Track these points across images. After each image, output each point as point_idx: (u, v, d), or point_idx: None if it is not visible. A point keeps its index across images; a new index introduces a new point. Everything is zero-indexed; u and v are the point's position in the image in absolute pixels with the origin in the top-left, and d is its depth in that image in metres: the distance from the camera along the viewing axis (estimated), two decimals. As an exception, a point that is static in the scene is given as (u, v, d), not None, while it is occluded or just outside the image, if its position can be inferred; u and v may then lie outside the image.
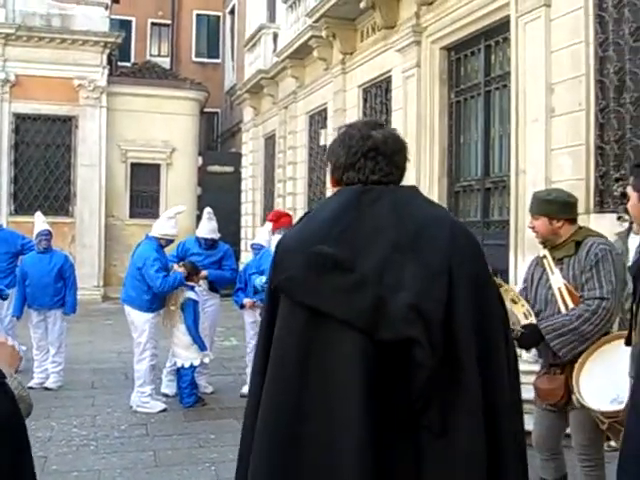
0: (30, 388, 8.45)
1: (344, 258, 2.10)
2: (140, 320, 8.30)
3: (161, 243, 8.50)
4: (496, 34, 9.73)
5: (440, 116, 10.75)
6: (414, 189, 2.38)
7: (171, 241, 8.73)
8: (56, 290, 9.48)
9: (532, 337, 4.13)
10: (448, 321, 2.06)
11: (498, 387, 2.15)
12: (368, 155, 2.32)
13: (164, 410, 8.08)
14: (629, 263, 4.40)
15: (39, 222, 9.83)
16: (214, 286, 9.25)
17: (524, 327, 4.13)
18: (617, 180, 7.29)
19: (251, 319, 9.00)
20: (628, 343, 3.48)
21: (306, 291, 2.11)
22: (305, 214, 2.40)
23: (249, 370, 9.09)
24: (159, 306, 8.41)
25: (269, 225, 9.77)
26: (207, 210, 9.36)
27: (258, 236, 9.77)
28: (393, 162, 2.34)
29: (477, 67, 10.29)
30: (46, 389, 9.00)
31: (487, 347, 2.13)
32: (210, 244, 9.13)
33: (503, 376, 2.18)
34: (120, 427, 7.45)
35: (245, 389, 8.95)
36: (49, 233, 9.77)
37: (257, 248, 9.27)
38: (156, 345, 8.43)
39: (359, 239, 2.14)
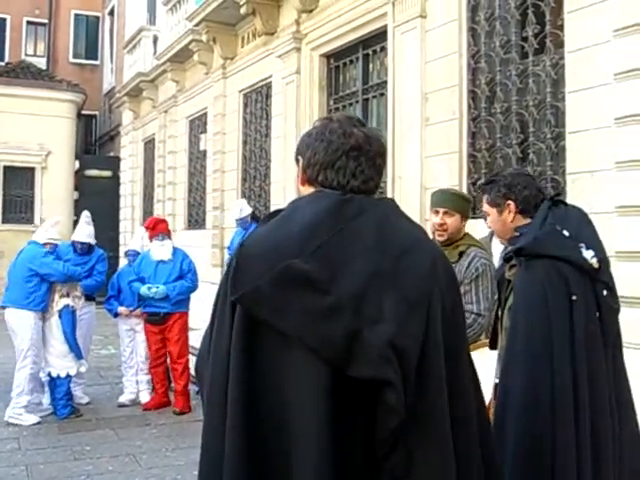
0: None
1: (320, 278, 1.83)
2: (23, 322, 8.01)
3: (48, 250, 8.26)
4: (374, 43, 9.91)
5: (319, 122, 10.85)
6: (394, 204, 2.11)
7: (55, 247, 8.47)
8: None
9: None
10: (420, 358, 1.85)
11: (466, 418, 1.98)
12: (350, 154, 2.03)
13: (38, 423, 7.83)
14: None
15: None
16: (88, 294, 9.03)
17: None
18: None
19: (126, 327, 8.89)
20: (493, 347, 3.57)
21: (272, 309, 1.83)
22: (271, 214, 2.07)
23: (125, 379, 8.96)
24: (42, 308, 8.14)
25: (142, 230, 9.68)
26: (85, 214, 9.13)
27: (132, 242, 9.63)
28: (375, 166, 2.06)
29: (355, 75, 10.45)
30: None
31: (456, 382, 1.95)
32: (86, 249, 8.91)
33: (470, 403, 2.02)
34: (-9, 442, 7.18)
35: (122, 398, 8.80)
36: None
37: (132, 255, 9.14)
38: (38, 353, 8.15)
39: (337, 258, 1.87)
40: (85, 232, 8.96)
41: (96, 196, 21.88)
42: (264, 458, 1.85)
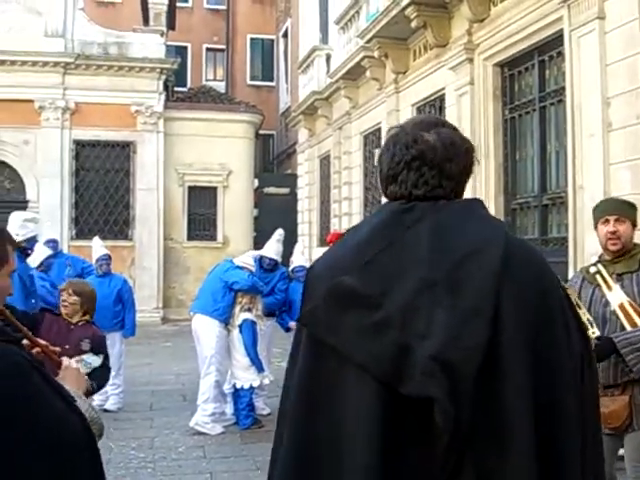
0: (90, 410, 8.55)
1: (368, 293, 1.78)
2: (209, 329, 8.34)
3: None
4: (550, 49, 9.61)
5: (494, 133, 10.66)
6: (470, 205, 1.99)
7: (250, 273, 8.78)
8: (115, 313, 9.64)
9: (605, 349, 3.84)
10: (489, 373, 1.70)
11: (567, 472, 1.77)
12: (412, 165, 1.94)
13: (222, 432, 8.10)
14: None
15: (97, 247, 10.03)
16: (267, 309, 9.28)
17: (597, 338, 3.81)
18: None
19: None
20: None
21: (325, 327, 1.81)
22: (348, 230, 2.07)
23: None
24: (225, 319, 8.45)
25: (300, 246, 9.93)
26: (278, 232, 9.41)
27: (295, 259, 9.76)
28: (443, 173, 1.94)
29: (531, 83, 10.17)
30: (105, 411, 9.10)
31: (550, 414, 1.75)
32: (273, 266, 9.17)
33: (569, 417, 1.80)
34: (178, 449, 7.49)
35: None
36: (109, 257, 9.96)
37: (299, 270, 9.30)
38: (222, 362, 8.44)
39: (389, 270, 1.80)
40: (275, 249, 9.23)
41: (274, 213, 22.53)
42: (315, 477, 1.83)
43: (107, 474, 5.81)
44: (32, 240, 7.87)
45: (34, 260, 9.14)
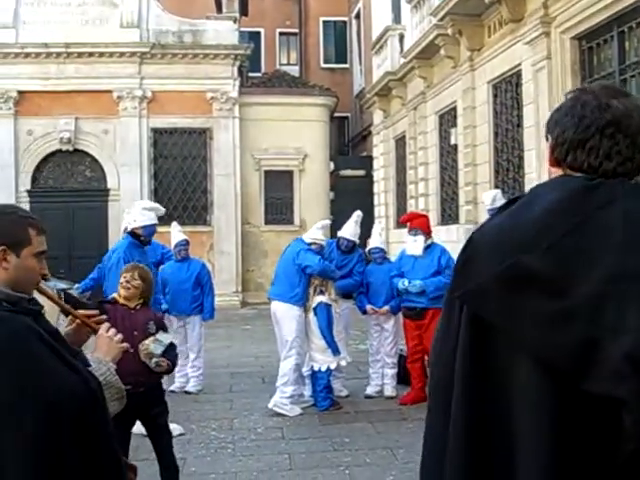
0: (171, 392, 8.73)
1: (553, 277, 1.61)
2: (288, 314, 8.38)
3: (313, 249, 8.57)
4: (629, 19, 9.32)
5: (573, 108, 10.39)
6: None
7: (321, 248, 8.76)
8: (194, 297, 9.76)
9: None
10: None
11: None
12: (605, 132, 1.75)
13: (300, 414, 8.16)
14: None
15: (176, 232, 10.17)
16: (346, 292, 9.26)
17: None
18: None
19: (374, 322, 9.06)
20: None
21: (497, 310, 1.65)
22: (509, 202, 1.84)
23: (371, 372, 9.11)
24: (303, 303, 8.48)
25: (378, 228, 9.88)
26: (357, 213, 9.37)
27: (372, 241, 9.66)
28: (636, 144, 1.77)
29: (610, 55, 9.89)
30: (186, 393, 9.26)
31: None
32: (350, 247, 9.14)
33: None
34: (257, 430, 7.57)
35: (368, 390, 8.95)
36: (187, 242, 10.08)
37: (376, 252, 9.25)
38: (302, 345, 8.48)
39: (576, 255, 1.63)
40: (352, 231, 9.19)
41: (350, 195, 22.49)
42: (485, 468, 1.70)
43: (187, 454, 5.95)
44: (149, 228, 8.08)
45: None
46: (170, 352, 5.30)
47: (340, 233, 9.31)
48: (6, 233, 2.44)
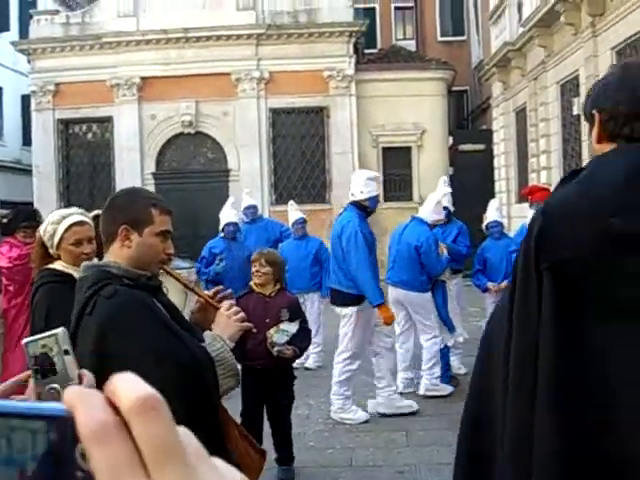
0: (292, 369, 8.85)
1: None
2: (419, 302, 8.19)
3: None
4: None
5: None
6: None
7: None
8: (313, 274, 9.87)
9: None
10: None
11: None
12: None
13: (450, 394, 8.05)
14: None
15: (293, 210, 10.30)
16: (452, 266, 9.01)
17: None
18: None
19: (492, 300, 8.85)
20: None
21: (596, 275, 1.61)
22: (572, 173, 1.83)
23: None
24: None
25: (496, 202, 9.63)
26: (442, 178, 9.32)
27: (490, 214, 9.42)
28: None
29: None
30: (306, 369, 9.37)
31: None
32: (446, 215, 8.95)
33: None
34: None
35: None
36: (304, 221, 10.19)
37: (494, 226, 9.05)
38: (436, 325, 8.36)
39: None
40: (441, 195, 9.02)
41: (470, 170, 22.15)
42: (585, 462, 1.58)
43: (306, 429, 6.03)
44: (374, 199, 7.80)
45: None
46: (300, 337, 5.41)
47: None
48: (129, 212, 2.53)
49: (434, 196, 8.85)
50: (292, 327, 5.38)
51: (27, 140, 24.67)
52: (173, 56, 21.11)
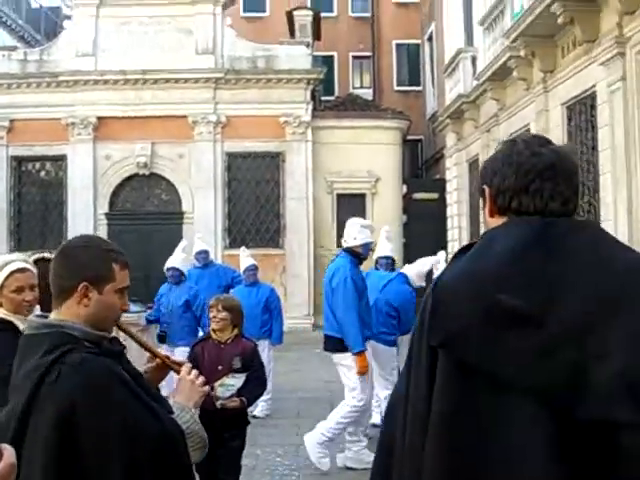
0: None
1: (531, 311, 1.63)
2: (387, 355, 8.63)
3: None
4: None
5: (650, 130, 10.13)
6: (600, 227, 1.94)
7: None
8: (263, 321, 9.84)
9: None
10: None
11: None
12: (544, 175, 1.85)
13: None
14: None
15: (244, 257, 10.28)
16: None
17: None
18: None
19: None
20: None
21: (481, 351, 1.66)
22: (464, 248, 1.90)
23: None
24: None
25: (443, 255, 9.90)
26: (385, 228, 9.57)
27: (440, 266, 9.63)
28: (572, 185, 1.89)
29: (689, 75, 9.62)
30: (254, 417, 9.25)
31: None
32: (390, 265, 9.26)
33: None
34: (323, 458, 7.50)
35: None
36: (255, 267, 10.17)
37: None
38: None
39: (550, 286, 1.66)
40: (387, 246, 9.37)
41: (424, 219, 22.35)
42: None
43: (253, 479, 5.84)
44: (367, 246, 7.56)
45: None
46: (249, 387, 5.32)
47: (377, 253, 9.35)
48: (89, 268, 2.35)
49: (426, 262, 9.32)
50: (237, 381, 5.28)
51: (-22, 176, 24.32)
52: (131, 97, 21.08)
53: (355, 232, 7.52)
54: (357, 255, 7.43)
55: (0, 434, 2.09)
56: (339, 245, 21.72)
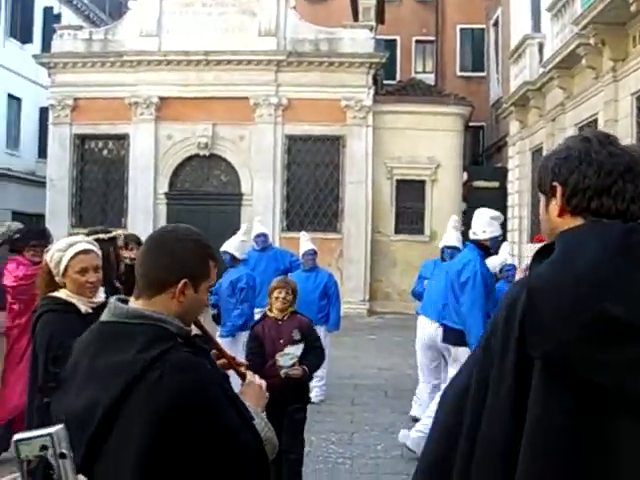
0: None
1: (634, 320, 1.59)
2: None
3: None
4: None
5: None
6: None
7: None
8: (320, 307, 9.76)
9: None
10: None
11: None
12: (626, 177, 1.82)
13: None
14: None
15: (304, 241, 10.21)
16: None
17: None
18: None
19: None
20: None
21: (588, 363, 1.61)
22: (539, 253, 1.85)
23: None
24: None
25: (507, 246, 9.54)
26: (453, 217, 9.29)
27: (502, 256, 9.33)
28: None
29: None
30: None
31: None
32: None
33: None
34: (376, 447, 7.46)
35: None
36: (314, 252, 10.10)
37: (509, 269, 8.92)
38: None
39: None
40: (455, 236, 9.03)
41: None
42: None
43: (306, 467, 5.87)
44: (494, 240, 7.28)
45: None
46: (309, 357, 5.65)
47: (443, 242, 9.09)
48: (191, 265, 2.23)
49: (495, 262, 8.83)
50: (297, 349, 5.58)
51: (43, 152, 24.80)
52: (192, 78, 21.18)
53: (485, 224, 7.20)
54: (485, 248, 7.14)
55: (79, 425, 1.97)
56: (397, 231, 21.83)
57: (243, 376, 2.53)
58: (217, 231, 20.67)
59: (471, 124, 25.16)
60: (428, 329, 8.04)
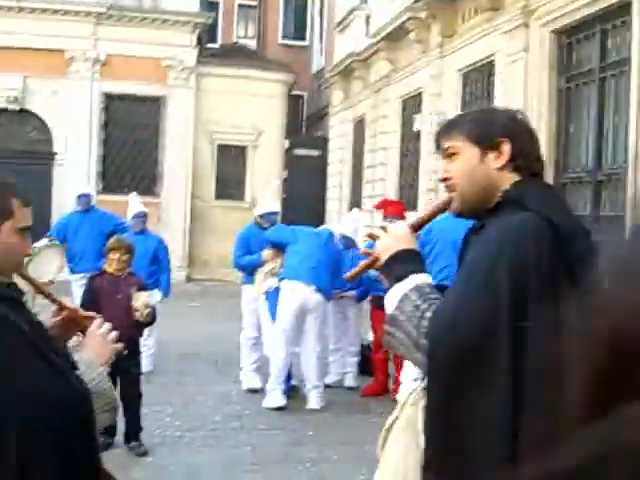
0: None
1: None
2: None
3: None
4: (614, 17, 9.15)
5: (549, 104, 10.21)
6: None
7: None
8: (150, 273, 9.32)
9: None
10: None
11: None
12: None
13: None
14: None
15: (135, 203, 9.74)
16: None
17: None
18: None
19: (336, 308, 8.78)
20: None
21: None
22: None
23: (332, 359, 8.87)
24: None
25: (356, 212, 9.62)
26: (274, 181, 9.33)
27: (344, 226, 9.26)
28: None
29: (591, 53, 9.71)
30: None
31: None
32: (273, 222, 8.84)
33: None
34: (214, 418, 7.22)
35: (328, 380, 8.54)
36: (145, 215, 9.69)
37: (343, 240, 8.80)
38: None
39: None
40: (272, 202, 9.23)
41: (304, 175, 22.16)
42: None
43: (143, 441, 5.49)
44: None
45: None
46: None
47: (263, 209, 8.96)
48: None
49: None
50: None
51: None
52: (2, 25, 19.67)
53: None
54: None
55: None
56: (218, 197, 21.44)
57: (85, 327, 2.36)
58: (28, 192, 19.56)
59: (292, 93, 25.14)
60: (301, 293, 7.80)
